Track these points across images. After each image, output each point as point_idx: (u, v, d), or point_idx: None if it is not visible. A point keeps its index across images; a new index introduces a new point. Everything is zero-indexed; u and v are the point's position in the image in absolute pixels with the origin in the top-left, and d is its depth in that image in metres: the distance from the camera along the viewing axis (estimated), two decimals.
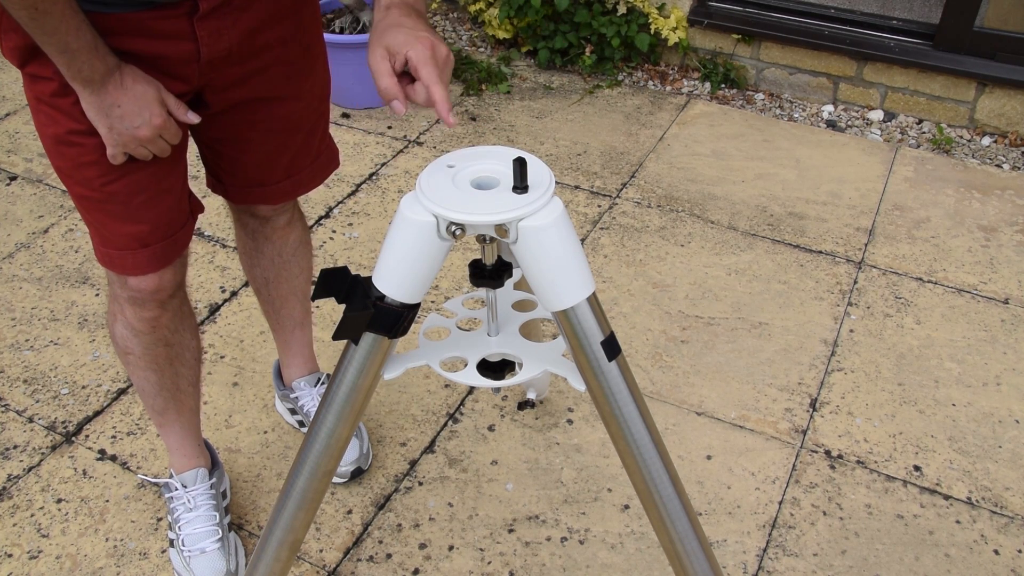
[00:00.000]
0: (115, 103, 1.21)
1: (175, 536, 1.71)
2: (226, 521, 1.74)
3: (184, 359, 1.61)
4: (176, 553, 1.70)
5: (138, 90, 1.22)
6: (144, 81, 1.23)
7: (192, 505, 1.71)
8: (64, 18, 1.12)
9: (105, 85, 1.20)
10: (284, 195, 1.60)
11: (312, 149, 1.57)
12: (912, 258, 2.49)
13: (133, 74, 1.22)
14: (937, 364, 2.16)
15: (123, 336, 1.54)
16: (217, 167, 1.55)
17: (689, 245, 2.53)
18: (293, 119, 1.49)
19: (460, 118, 3.11)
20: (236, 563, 1.71)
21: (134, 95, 1.21)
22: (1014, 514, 1.82)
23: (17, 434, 1.98)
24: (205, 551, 1.68)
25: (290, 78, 1.43)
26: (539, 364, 1.17)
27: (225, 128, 1.44)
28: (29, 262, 2.47)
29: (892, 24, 3.12)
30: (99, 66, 1.18)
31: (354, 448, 1.85)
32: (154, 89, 1.24)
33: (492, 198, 1.01)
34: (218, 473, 1.79)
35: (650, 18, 3.24)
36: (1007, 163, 2.90)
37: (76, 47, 1.15)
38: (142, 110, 1.22)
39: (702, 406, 2.05)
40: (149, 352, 1.55)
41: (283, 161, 1.53)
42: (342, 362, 1.14)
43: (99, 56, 1.17)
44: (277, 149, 1.51)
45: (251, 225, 1.67)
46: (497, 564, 1.73)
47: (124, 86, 1.21)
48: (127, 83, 1.21)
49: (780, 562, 1.73)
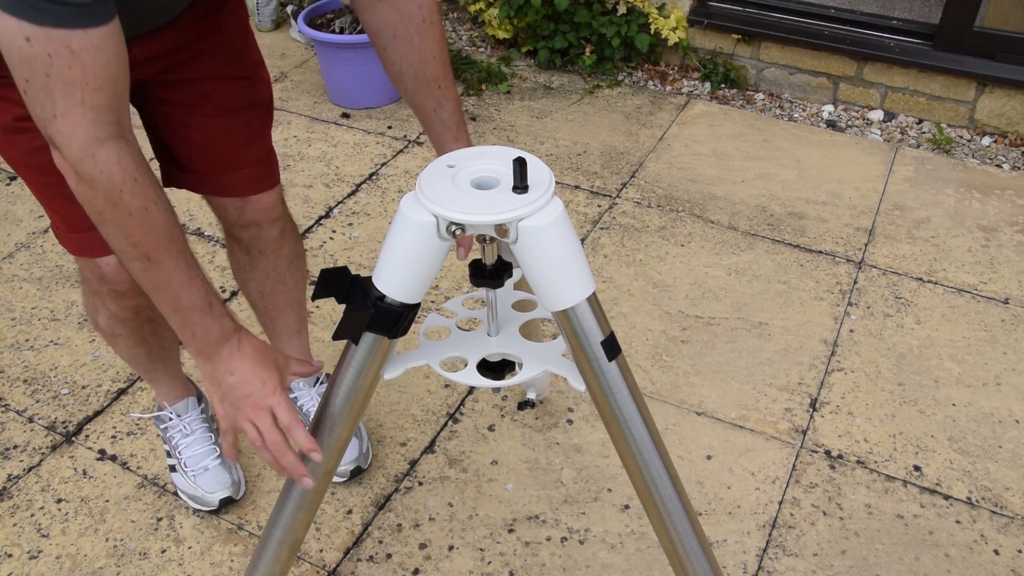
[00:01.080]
0: (229, 370, 1.13)
1: (176, 461, 1.83)
2: (219, 441, 1.83)
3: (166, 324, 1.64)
4: (180, 476, 1.82)
5: (258, 356, 1.14)
6: (264, 349, 1.16)
7: (189, 431, 1.83)
8: (177, 270, 1.09)
9: (219, 350, 1.13)
10: (248, 185, 1.57)
11: (262, 135, 1.57)
12: (912, 258, 2.49)
13: (253, 340, 1.16)
14: (937, 364, 2.16)
15: (108, 325, 1.60)
16: (172, 149, 1.54)
17: (689, 245, 2.53)
18: (237, 100, 1.49)
19: None
20: (238, 475, 1.85)
21: (252, 361, 1.14)
22: (1014, 514, 1.82)
23: (17, 434, 1.98)
24: (208, 468, 1.81)
25: (229, 61, 1.45)
26: (539, 364, 1.17)
27: (172, 108, 1.45)
28: (29, 262, 2.47)
29: (892, 24, 3.12)
30: (214, 328, 1.12)
31: (353, 447, 1.86)
32: (272, 358, 1.16)
33: (492, 198, 1.01)
34: (205, 401, 1.91)
35: (650, 18, 3.24)
36: (1007, 163, 2.90)
37: (188, 304, 1.10)
38: (256, 376, 1.13)
39: (702, 406, 2.05)
40: (136, 332, 1.62)
41: (231, 143, 1.52)
42: (342, 362, 1.14)
43: (214, 316, 1.12)
44: (223, 129, 1.50)
45: (245, 239, 1.67)
46: (497, 564, 1.73)
47: (242, 350, 1.14)
48: (245, 348, 1.14)
49: (780, 562, 1.73)
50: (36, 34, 0.94)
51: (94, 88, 0.98)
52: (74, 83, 0.97)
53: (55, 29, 0.94)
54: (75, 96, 0.98)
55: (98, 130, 1.00)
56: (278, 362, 1.17)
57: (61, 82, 0.96)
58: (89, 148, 1.00)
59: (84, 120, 0.99)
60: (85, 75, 0.97)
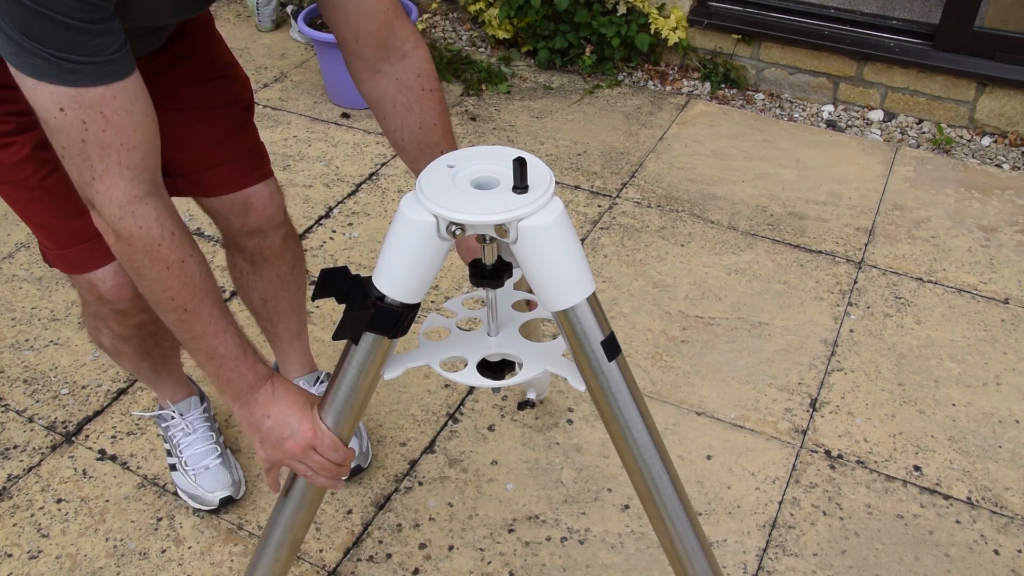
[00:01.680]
0: (265, 414, 1.17)
1: (177, 460, 1.83)
2: (221, 440, 1.88)
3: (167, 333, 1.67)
4: (181, 475, 1.82)
5: (290, 398, 1.18)
6: (295, 391, 1.19)
7: (190, 430, 1.84)
8: (213, 320, 1.12)
9: (255, 395, 1.17)
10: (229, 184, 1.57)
11: (245, 130, 1.57)
12: (912, 258, 2.49)
13: (286, 383, 1.19)
14: (937, 364, 2.16)
15: (112, 344, 1.61)
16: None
17: (689, 245, 2.53)
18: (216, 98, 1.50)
19: (460, 118, 3.11)
20: (238, 475, 1.85)
21: (286, 404, 1.17)
22: (1014, 514, 1.82)
23: (17, 434, 1.98)
24: (209, 467, 1.81)
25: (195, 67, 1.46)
26: (539, 364, 1.17)
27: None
28: (29, 262, 2.47)
29: (892, 24, 3.12)
30: (248, 375, 1.16)
31: (353, 447, 1.85)
32: (306, 399, 1.20)
33: (492, 198, 1.01)
34: (207, 400, 1.92)
35: (650, 18, 3.24)
36: (1007, 163, 2.90)
37: (223, 352, 1.14)
38: (291, 417, 1.17)
39: (702, 406, 2.05)
40: (139, 347, 1.63)
41: (213, 138, 1.51)
42: (342, 362, 1.14)
43: (248, 364, 1.16)
44: (202, 124, 1.50)
45: (249, 248, 1.66)
46: (497, 564, 1.73)
47: (276, 394, 1.18)
48: (279, 391, 1.18)
49: (780, 562, 1.73)
50: (69, 103, 0.98)
51: (129, 149, 1.02)
52: (109, 146, 1.01)
53: (87, 91, 0.97)
54: (111, 158, 1.01)
55: (136, 188, 1.04)
56: (311, 399, 1.20)
57: (97, 146, 1.00)
58: (128, 206, 1.04)
59: (122, 180, 1.03)
60: (119, 137, 1.01)
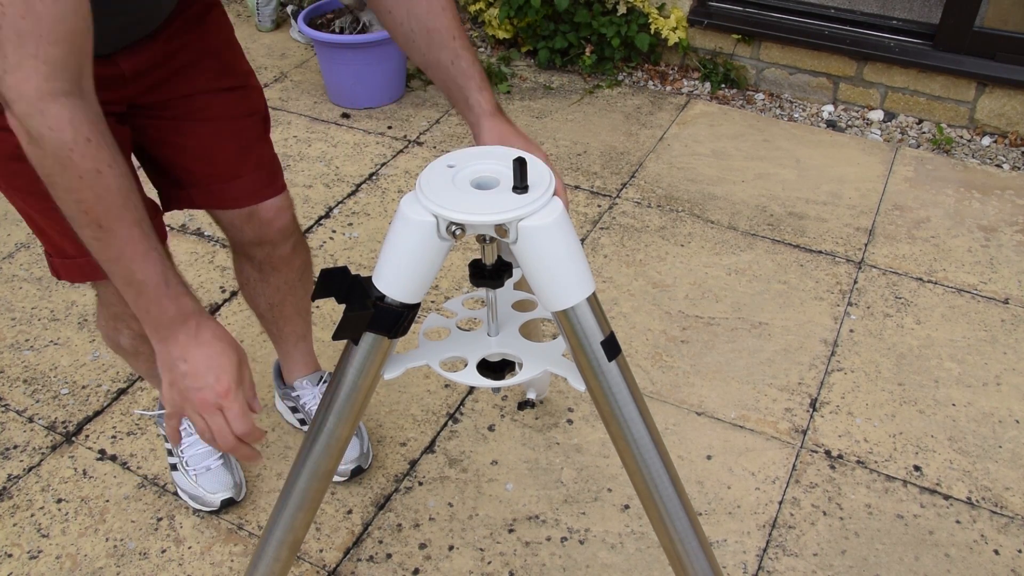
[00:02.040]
0: (182, 357, 1.07)
1: (178, 460, 1.82)
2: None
3: None
4: (182, 475, 1.82)
5: (216, 348, 1.07)
6: (225, 340, 1.08)
7: (192, 431, 1.82)
8: (131, 241, 1.02)
9: (175, 332, 1.06)
10: (251, 193, 1.55)
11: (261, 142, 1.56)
12: (912, 258, 2.49)
13: (214, 328, 1.08)
14: (937, 364, 2.16)
15: (132, 344, 1.59)
16: (170, 168, 1.52)
17: (689, 245, 2.53)
18: (232, 109, 1.49)
19: (460, 118, 3.11)
20: (239, 476, 1.84)
21: (209, 353, 1.07)
22: (1014, 514, 1.82)
23: (17, 434, 1.98)
24: (210, 468, 1.80)
25: (221, 72, 1.45)
26: (539, 364, 1.17)
27: (167, 123, 1.44)
28: (29, 262, 2.47)
29: (892, 24, 3.12)
30: (169, 308, 1.05)
31: (354, 447, 1.86)
32: (234, 352, 1.09)
33: (492, 198, 1.01)
34: None
35: (650, 18, 3.24)
36: (1007, 163, 2.90)
37: (142, 279, 1.03)
38: (210, 371, 1.06)
39: (702, 406, 2.05)
40: None
41: (229, 150, 1.50)
42: (342, 362, 1.14)
43: (169, 295, 1.05)
44: (219, 136, 1.49)
45: (258, 257, 1.65)
46: (497, 564, 1.73)
47: (199, 339, 1.07)
48: (203, 336, 1.07)
49: (780, 562, 1.73)
50: None
51: (49, 42, 0.94)
52: (26, 35, 0.92)
53: None
54: (28, 48, 0.93)
55: (51, 84, 0.95)
56: (239, 355, 1.10)
57: (13, 33, 0.92)
58: (39, 103, 0.95)
59: (36, 74, 0.94)
60: (39, 27, 0.92)
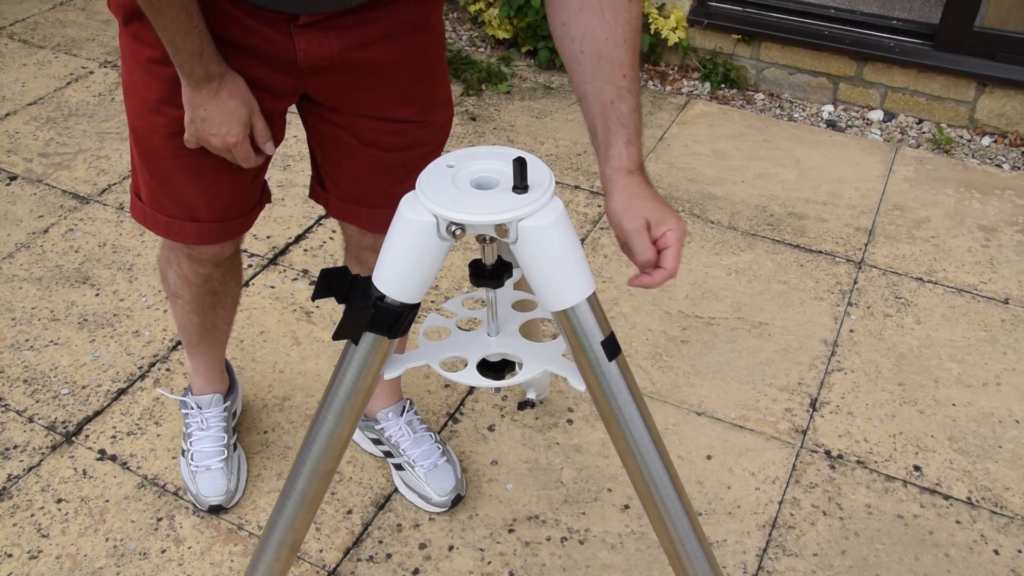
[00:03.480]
0: (202, 105, 1.24)
1: (187, 448, 1.86)
2: (233, 440, 1.90)
3: (226, 304, 1.74)
4: (185, 464, 1.86)
5: (229, 105, 1.24)
6: (239, 98, 1.25)
7: (205, 426, 1.86)
8: (177, 20, 1.16)
9: (200, 88, 1.23)
10: (380, 225, 1.46)
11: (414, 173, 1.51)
12: (912, 258, 2.49)
13: (232, 88, 1.25)
14: (937, 364, 2.16)
15: (175, 283, 1.65)
16: (322, 169, 1.53)
17: (689, 245, 2.53)
18: (399, 141, 1.43)
19: (460, 118, 3.11)
20: (237, 482, 1.85)
21: (223, 108, 1.24)
22: (1014, 514, 1.82)
23: (17, 434, 1.98)
24: (210, 468, 1.82)
25: (402, 101, 1.39)
26: (539, 364, 1.17)
27: (330, 130, 1.43)
28: (29, 262, 2.47)
29: (892, 24, 3.12)
30: (199, 71, 1.21)
31: (448, 475, 1.81)
32: (245, 109, 1.26)
33: (492, 198, 1.01)
34: (233, 395, 1.93)
35: (650, 18, 3.24)
36: (1007, 163, 2.90)
37: (181, 47, 1.18)
38: (223, 123, 1.25)
39: (702, 406, 2.05)
40: (197, 299, 1.67)
41: (380, 182, 1.47)
42: (342, 362, 1.14)
43: (202, 63, 1.21)
44: (376, 166, 1.45)
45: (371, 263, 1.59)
46: (497, 564, 1.73)
47: (218, 96, 1.24)
48: (222, 95, 1.24)
49: (780, 562, 1.73)
50: None
51: None
52: None
53: None
54: None
55: None
56: (249, 108, 1.26)
57: None
58: None
59: None
60: None
